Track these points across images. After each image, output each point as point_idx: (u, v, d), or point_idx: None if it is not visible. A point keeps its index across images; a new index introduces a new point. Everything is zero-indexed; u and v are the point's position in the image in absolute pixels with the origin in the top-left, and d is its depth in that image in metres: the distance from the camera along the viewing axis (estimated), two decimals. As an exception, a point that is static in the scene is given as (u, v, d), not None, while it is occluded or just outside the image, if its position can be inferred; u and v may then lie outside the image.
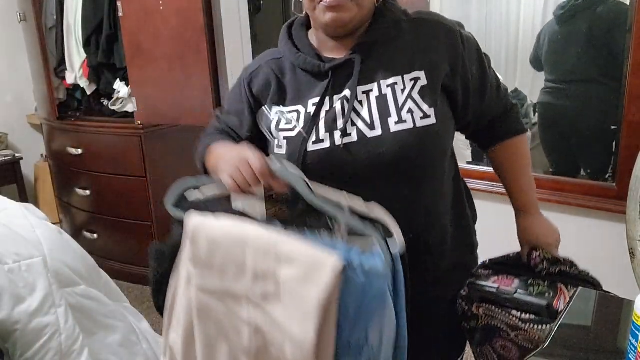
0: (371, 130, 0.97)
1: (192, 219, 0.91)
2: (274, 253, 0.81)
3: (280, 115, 1.03)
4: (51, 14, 2.94)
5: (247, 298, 0.84)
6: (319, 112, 0.99)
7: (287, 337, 0.80)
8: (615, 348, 0.82)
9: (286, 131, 1.02)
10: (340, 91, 1.00)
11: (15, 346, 0.87)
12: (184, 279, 0.90)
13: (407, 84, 0.98)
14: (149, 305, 2.75)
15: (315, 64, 1.02)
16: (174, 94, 2.60)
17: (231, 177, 0.93)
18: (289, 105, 1.04)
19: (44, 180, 3.63)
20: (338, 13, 0.96)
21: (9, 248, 0.92)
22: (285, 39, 1.09)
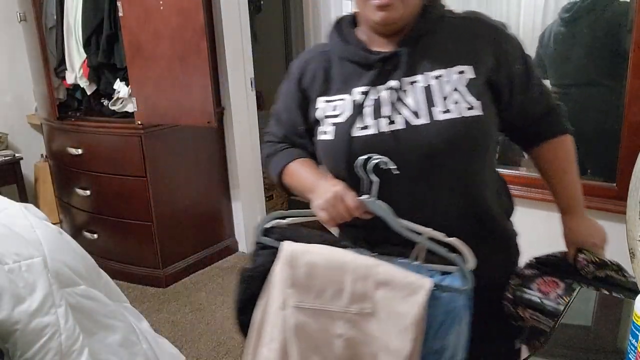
0: (417, 118, 1.01)
1: (288, 246, 1.05)
2: (371, 277, 0.96)
3: (326, 105, 1.09)
4: (51, 14, 2.94)
5: (342, 316, 0.99)
6: (365, 99, 1.04)
7: (382, 349, 0.96)
8: (615, 348, 0.82)
9: (333, 117, 1.07)
10: (386, 81, 1.04)
11: (15, 346, 0.87)
12: (276, 299, 1.02)
13: (453, 77, 1.02)
14: (149, 306, 2.75)
15: (362, 54, 1.06)
16: (174, 94, 2.60)
17: (327, 213, 1.02)
18: (335, 95, 1.08)
19: (44, 180, 3.63)
20: (387, 12, 1.00)
21: (9, 248, 0.92)
22: (334, 34, 1.13)
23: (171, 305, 2.75)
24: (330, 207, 1.01)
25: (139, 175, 2.79)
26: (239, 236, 3.29)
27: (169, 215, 2.92)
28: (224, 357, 2.31)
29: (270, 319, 1.03)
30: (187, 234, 3.03)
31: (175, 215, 2.95)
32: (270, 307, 1.03)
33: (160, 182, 2.85)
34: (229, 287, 2.89)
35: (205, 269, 3.10)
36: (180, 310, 2.69)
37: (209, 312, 2.66)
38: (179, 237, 2.99)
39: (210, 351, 2.35)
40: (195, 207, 3.06)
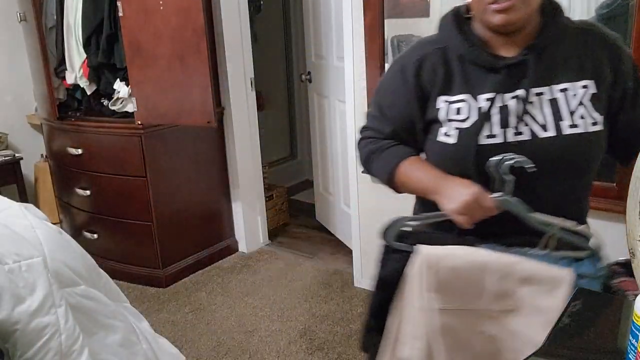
0: (544, 131, 1.04)
1: (425, 249, 1.05)
2: (513, 275, 0.98)
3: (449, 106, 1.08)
4: (51, 14, 2.94)
5: (484, 314, 1.01)
6: (492, 107, 1.04)
7: (527, 343, 0.96)
8: (615, 348, 0.82)
9: (457, 122, 1.07)
10: (512, 89, 1.04)
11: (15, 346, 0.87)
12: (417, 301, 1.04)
13: (579, 91, 1.05)
14: (149, 306, 2.75)
15: (488, 59, 1.06)
16: (174, 94, 2.60)
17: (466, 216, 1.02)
18: (457, 95, 1.08)
19: (44, 180, 3.63)
20: (508, 15, 1.00)
21: (9, 248, 0.92)
22: (454, 30, 1.10)
23: (171, 305, 2.75)
24: (469, 211, 1.01)
25: (139, 175, 2.79)
26: (239, 236, 3.30)
27: (169, 215, 2.92)
28: (224, 357, 2.31)
29: (410, 319, 1.05)
30: (187, 234, 3.03)
31: (175, 215, 2.95)
32: (409, 309, 1.05)
33: (160, 182, 2.85)
34: (229, 287, 2.89)
35: (205, 269, 3.10)
36: (180, 310, 2.69)
37: (209, 312, 2.66)
38: (179, 237, 2.99)
39: (210, 351, 2.35)
40: (195, 207, 3.06)
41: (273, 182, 3.86)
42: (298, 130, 4.56)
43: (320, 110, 3.32)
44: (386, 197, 2.57)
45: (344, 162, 2.99)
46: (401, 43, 2.54)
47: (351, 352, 2.29)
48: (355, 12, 2.43)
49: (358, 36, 2.45)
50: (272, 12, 4.19)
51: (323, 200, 3.51)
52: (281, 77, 4.42)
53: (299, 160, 4.63)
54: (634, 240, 0.88)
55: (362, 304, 2.65)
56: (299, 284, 2.88)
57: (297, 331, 2.46)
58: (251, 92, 3.16)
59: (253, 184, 3.28)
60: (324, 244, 3.37)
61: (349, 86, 2.57)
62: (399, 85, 1.14)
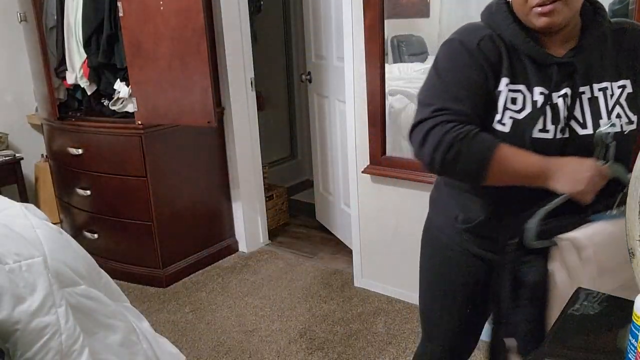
0: (582, 129, 1.06)
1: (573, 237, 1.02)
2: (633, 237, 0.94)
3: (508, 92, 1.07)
4: (51, 14, 2.94)
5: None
6: (546, 102, 1.06)
7: None
8: (615, 348, 0.82)
9: (512, 111, 1.07)
10: (560, 88, 1.06)
11: (16, 346, 0.87)
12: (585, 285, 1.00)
13: (616, 91, 1.08)
14: (149, 305, 2.75)
15: (542, 53, 1.07)
16: (174, 94, 2.61)
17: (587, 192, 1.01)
18: (514, 83, 1.07)
19: (44, 180, 3.63)
20: (551, 18, 1.03)
21: (10, 248, 0.92)
22: (510, 19, 1.09)
23: (171, 305, 2.75)
24: (593, 185, 1.01)
25: (139, 175, 2.79)
26: (239, 236, 3.30)
27: (169, 215, 2.92)
28: (224, 357, 2.31)
29: None
30: (187, 234, 3.03)
31: (175, 215, 2.95)
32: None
33: (161, 182, 2.85)
34: (229, 287, 2.89)
35: (205, 269, 3.10)
36: (180, 310, 2.69)
37: (209, 312, 2.66)
38: (179, 237, 2.99)
39: (211, 351, 2.35)
40: (195, 207, 3.06)
41: (273, 182, 3.86)
42: (298, 130, 4.56)
43: (320, 110, 3.32)
44: (386, 197, 2.59)
45: (344, 162, 2.98)
46: (401, 43, 2.54)
47: (351, 352, 2.29)
48: (355, 12, 2.43)
49: (358, 36, 2.45)
50: (272, 12, 4.19)
51: (323, 200, 3.51)
52: (281, 77, 4.41)
53: (299, 160, 4.63)
54: (633, 240, 0.88)
55: (362, 304, 2.65)
56: (299, 284, 2.88)
57: (297, 331, 2.46)
58: (251, 92, 3.16)
59: (253, 184, 3.28)
60: (324, 244, 3.37)
61: (349, 86, 2.57)
62: (468, 62, 1.07)
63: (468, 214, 1.22)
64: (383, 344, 2.33)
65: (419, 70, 2.53)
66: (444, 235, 1.32)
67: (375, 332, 2.42)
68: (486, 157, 1.03)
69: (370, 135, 2.54)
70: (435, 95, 1.08)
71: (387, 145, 2.53)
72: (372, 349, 2.30)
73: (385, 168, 2.52)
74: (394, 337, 2.38)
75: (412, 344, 2.32)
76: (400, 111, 2.51)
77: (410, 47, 2.55)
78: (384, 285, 2.72)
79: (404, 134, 2.53)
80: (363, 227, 2.73)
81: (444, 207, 1.31)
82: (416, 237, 2.52)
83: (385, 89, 2.45)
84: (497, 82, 1.07)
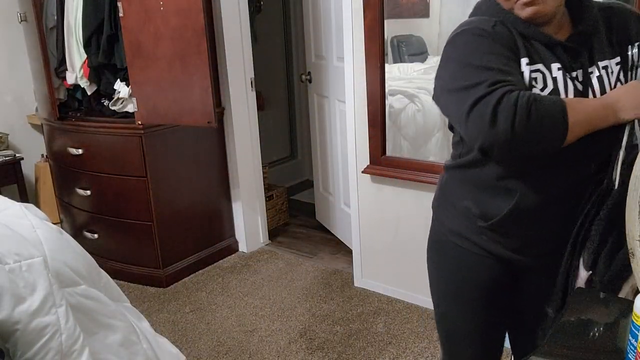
0: None
1: None
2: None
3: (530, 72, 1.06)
4: (52, 14, 2.94)
5: None
6: (565, 76, 1.07)
7: None
8: (615, 348, 0.82)
9: (538, 90, 1.06)
10: (573, 69, 1.08)
11: (16, 346, 0.87)
12: None
13: (615, 68, 1.10)
14: (149, 305, 2.75)
15: (546, 36, 1.08)
16: (174, 94, 2.61)
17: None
18: (532, 63, 1.07)
19: (45, 180, 3.63)
20: (536, 6, 1.04)
21: (10, 248, 0.92)
22: (501, 8, 1.11)
23: (171, 305, 2.75)
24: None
25: (139, 175, 2.79)
26: (239, 236, 3.30)
27: (169, 215, 2.92)
28: (224, 357, 2.31)
29: None
30: (187, 234, 3.03)
31: (175, 215, 2.95)
32: None
33: (161, 182, 2.85)
34: (229, 287, 2.89)
35: (205, 269, 3.10)
36: (180, 310, 2.69)
37: (209, 312, 2.66)
38: (179, 237, 2.99)
39: (211, 351, 2.35)
40: (195, 207, 3.06)
41: (273, 182, 3.86)
42: (298, 130, 4.56)
43: (320, 110, 3.32)
44: (386, 197, 2.59)
45: (344, 162, 2.99)
46: (401, 43, 2.54)
47: (351, 352, 2.29)
48: (355, 12, 2.43)
49: (358, 36, 2.46)
50: (272, 12, 4.19)
51: (323, 200, 3.51)
52: (281, 77, 4.42)
53: (299, 160, 4.63)
54: (633, 240, 0.88)
55: (362, 304, 2.65)
56: (299, 283, 2.88)
57: (297, 331, 2.46)
58: (251, 92, 3.16)
59: (253, 184, 3.28)
60: (324, 244, 3.37)
61: (349, 86, 2.57)
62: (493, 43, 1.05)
63: (490, 210, 1.16)
64: (383, 344, 2.33)
65: (419, 70, 2.53)
66: (460, 239, 1.25)
67: (375, 332, 2.42)
68: (563, 108, 0.98)
69: (370, 135, 2.54)
70: (479, 75, 1.01)
71: (387, 145, 2.53)
72: (372, 349, 2.30)
73: (385, 168, 2.52)
74: (394, 337, 2.38)
75: (412, 344, 2.32)
76: (400, 111, 2.51)
77: (410, 47, 2.55)
78: (384, 285, 2.72)
79: (404, 133, 2.53)
80: (363, 227, 2.73)
81: (458, 208, 1.24)
82: (416, 237, 2.53)
83: (385, 89, 2.45)
84: (519, 62, 1.07)
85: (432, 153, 2.45)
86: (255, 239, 3.35)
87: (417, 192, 2.45)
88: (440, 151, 2.42)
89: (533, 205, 1.11)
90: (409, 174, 2.43)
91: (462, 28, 1.11)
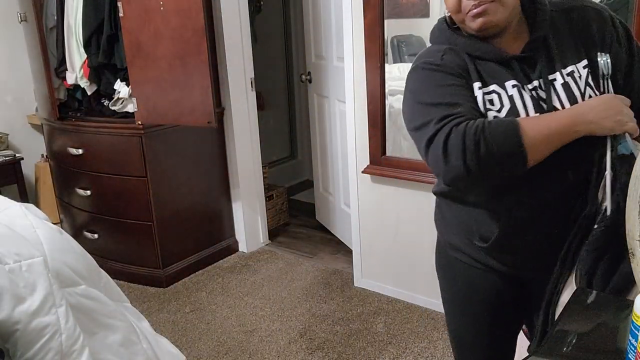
0: None
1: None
2: None
3: (483, 95, 1.06)
4: (52, 14, 2.94)
5: None
6: (521, 92, 1.04)
7: None
8: (615, 348, 0.82)
9: (494, 112, 1.05)
10: (530, 81, 1.05)
11: (16, 346, 0.87)
12: None
13: (582, 72, 1.06)
14: (149, 305, 2.75)
15: (497, 52, 1.06)
16: (174, 94, 2.61)
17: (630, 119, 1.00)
18: (485, 86, 1.06)
19: (45, 180, 3.63)
20: (486, 17, 1.02)
21: (10, 248, 0.92)
22: (454, 33, 1.11)
23: (171, 305, 2.75)
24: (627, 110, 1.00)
25: (139, 175, 2.79)
26: (239, 236, 3.30)
27: (169, 215, 2.92)
28: (224, 357, 2.31)
29: None
30: (187, 234, 3.03)
31: (175, 215, 2.95)
32: None
33: (161, 182, 2.85)
34: (229, 287, 2.89)
35: (205, 269, 3.10)
36: (180, 310, 2.69)
37: (209, 312, 2.66)
38: (179, 237, 2.99)
39: (211, 351, 2.35)
40: (195, 207, 3.06)
41: (273, 182, 3.86)
42: (298, 130, 4.56)
43: (320, 110, 3.32)
44: (386, 197, 2.58)
45: (344, 162, 2.99)
46: (401, 43, 2.54)
47: (351, 352, 2.29)
48: (355, 12, 2.43)
49: (358, 36, 2.46)
50: (272, 12, 4.19)
51: (323, 200, 3.51)
52: (281, 77, 4.42)
53: (299, 160, 4.63)
54: (633, 240, 0.87)
55: (362, 304, 2.65)
56: (299, 284, 2.88)
57: (297, 331, 2.46)
58: (251, 92, 3.16)
59: (253, 184, 3.28)
60: (324, 244, 3.37)
61: (349, 86, 2.57)
62: (442, 76, 1.06)
63: (483, 232, 1.15)
64: (383, 344, 2.33)
65: (419, 70, 2.53)
66: (462, 254, 1.24)
67: (375, 332, 2.42)
68: (515, 131, 0.96)
69: (370, 135, 2.54)
70: (428, 113, 1.03)
71: (387, 145, 2.53)
72: (372, 349, 2.30)
73: (385, 168, 2.52)
74: (394, 337, 2.38)
75: (412, 344, 2.32)
76: (400, 111, 2.51)
77: (410, 47, 2.54)
78: (384, 285, 2.72)
79: (404, 133, 2.53)
80: (363, 227, 2.73)
81: (457, 226, 1.22)
82: (416, 237, 2.53)
83: (385, 89, 2.45)
84: (471, 87, 1.07)
85: (432, 153, 2.45)
86: (255, 239, 3.35)
87: (417, 192, 2.45)
88: (440, 151, 2.42)
89: (521, 221, 1.10)
90: (409, 174, 2.43)
91: (415, 63, 1.13)
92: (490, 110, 1.05)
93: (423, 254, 2.53)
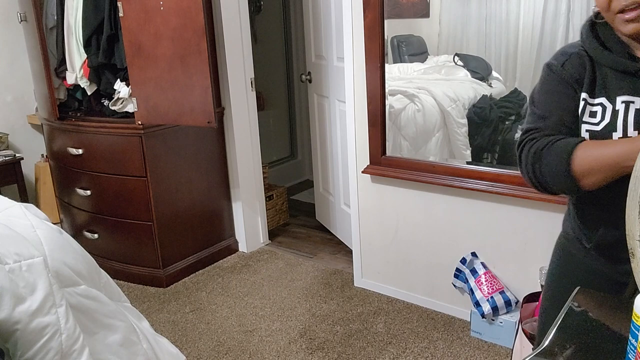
0: None
1: None
2: None
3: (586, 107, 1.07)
4: (52, 14, 2.94)
5: None
6: (628, 109, 1.03)
7: None
8: (615, 348, 0.82)
9: (590, 124, 1.06)
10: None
11: (16, 346, 0.87)
12: None
13: None
14: (149, 305, 2.75)
15: (622, 62, 1.05)
16: (174, 94, 2.61)
17: None
18: (595, 98, 1.07)
19: (45, 180, 3.63)
20: (638, 24, 0.99)
21: (10, 248, 0.92)
22: (590, 35, 1.11)
23: (171, 305, 2.75)
24: None
25: (139, 175, 2.79)
26: (239, 236, 3.30)
27: (169, 215, 2.92)
28: (224, 357, 2.31)
29: None
30: (187, 234, 3.03)
31: (175, 215, 2.96)
32: None
33: (161, 182, 2.85)
34: (229, 287, 2.89)
35: (205, 269, 3.10)
36: (180, 310, 2.69)
37: (209, 312, 2.66)
38: (179, 237, 2.99)
39: (211, 351, 2.35)
40: (195, 207, 3.06)
41: (273, 182, 3.86)
42: (298, 130, 4.56)
43: (320, 110, 3.32)
44: (386, 197, 2.58)
45: (344, 162, 2.99)
46: (401, 43, 2.54)
47: (351, 352, 2.29)
48: (355, 12, 2.44)
49: (358, 36, 2.46)
50: (272, 12, 4.19)
51: (323, 200, 3.51)
52: (281, 77, 4.42)
53: (299, 160, 4.63)
54: (633, 240, 0.88)
55: (362, 304, 2.65)
56: (299, 283, 2.88)
57: (297, 331, 2.46)
58: (251, 92, 3.16)
59: (253, 184, 3.28)
60: (324, 244, 3.37)
61: (349, 86, 2.57)
62: (556, 82, 1.12)
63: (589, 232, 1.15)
64: (383, 344, 2.33)
65: (419, 70, 2.53)
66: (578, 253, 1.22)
67: (375, 332, 2.42)
68: (565, 159, 1.03)
69: (370, 135, 2.54)
70: (528, 120, 1.16)
71: (387, 145, 2.53)
72: (372, 349, 2.30)
73: (385, 168, 2.52)
74: (394, 337, 2.38)
75: (412, 344, 2.32)
76: (400, 111, 2.51)
77: (410, 47, 2.54)
78: (384, 285, 2.72)
79: (404, 133, 2.53)
80: (363, 227, 2.73)
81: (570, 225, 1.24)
82: (416, 237, 2.53)
83: (385, 89, 2.45)
84: (577, 99, 1.09)
85: (432, 153, 2.45)
86: (255, 239, 3.35)
87: (417, 192, 2.45)
88: (440, 151, 2.42)
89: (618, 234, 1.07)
90: (409, 174, 2.43)
91: (546, 63, 1.17)
92: (586, 124, 1.07)
93: (423, 253, 2.53)
